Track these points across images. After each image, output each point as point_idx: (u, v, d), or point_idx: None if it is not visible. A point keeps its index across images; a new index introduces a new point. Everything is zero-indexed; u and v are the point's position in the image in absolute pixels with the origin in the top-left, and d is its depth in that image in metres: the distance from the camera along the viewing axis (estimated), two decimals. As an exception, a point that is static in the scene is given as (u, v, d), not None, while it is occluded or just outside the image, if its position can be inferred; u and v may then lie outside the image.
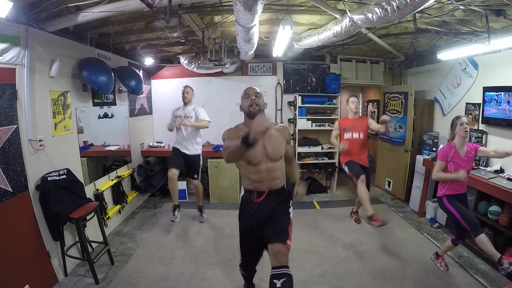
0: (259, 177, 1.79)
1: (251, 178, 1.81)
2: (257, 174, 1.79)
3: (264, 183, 1.80)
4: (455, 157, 2.43)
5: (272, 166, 1.79)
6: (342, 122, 3.43)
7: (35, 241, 2.29)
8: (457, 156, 2.43)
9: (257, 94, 1.84)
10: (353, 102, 3.37)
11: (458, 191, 2.45)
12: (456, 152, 2.44)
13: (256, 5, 1.82)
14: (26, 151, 2.24)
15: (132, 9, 2.25)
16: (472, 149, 2.47)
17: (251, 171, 1.79)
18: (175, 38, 3.34)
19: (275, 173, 1.80)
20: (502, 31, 2.74)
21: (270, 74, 4.93)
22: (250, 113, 1.80)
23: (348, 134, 3.33)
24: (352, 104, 3.37)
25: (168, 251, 3.00)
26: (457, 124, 2.46)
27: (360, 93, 6.73)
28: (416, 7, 1.77)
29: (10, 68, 2.13)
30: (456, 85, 3.81)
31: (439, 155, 2.53)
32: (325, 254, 2.92)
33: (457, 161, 2.42)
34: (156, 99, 4.96)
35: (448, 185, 2.48)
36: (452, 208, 2.41)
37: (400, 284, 2.44)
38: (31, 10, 2.18)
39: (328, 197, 4.66)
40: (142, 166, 4.27)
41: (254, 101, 1.80)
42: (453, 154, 2.44)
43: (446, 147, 2.51)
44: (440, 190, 2.54)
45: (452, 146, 2.47)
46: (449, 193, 2.46)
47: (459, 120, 2.46)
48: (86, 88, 3.02)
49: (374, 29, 3.23)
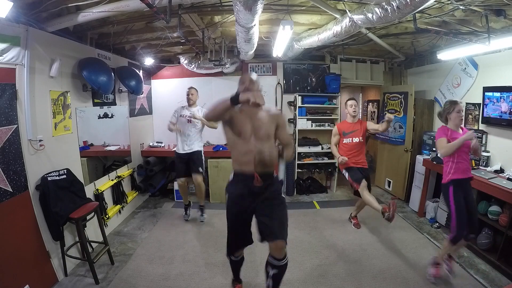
0: (246, 158, 1.83)
1: (240, 159, 1.88)
2: (245, 155, 1.84)
3: (251, 164, 1.82)
4: (453, 134, 2.37)
5: (261, 147, 1.82)
6: (341, 127, 3.35)
7: (35, 241, 2.29)
8: (454, 133, 2.37)
9: (252, 81, 1.94)
10: (352, 105, 3.29)
11: (466, 175, 2.37)
12: (453, 131, 2.39)
13: (256, 5, 1.82)
14: (26, 151, 2.24)
15: (132, 9, 2.25)
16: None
17: (240, 151, 1.87)
18: (175, 38, 3.34)
19: (263, 155, 1.81)
20: (502, 31, 2.74)
21: (270, 74, 4.93)
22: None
23: (348, 139, 3.28)
24: (350, 108, 3.30)
25: (168, 251, 3.00)
26: (453, 111, 2.39)
27: (360, 93, 6.73)
28: (416, 7, 1.77)
29: (10, 68, 2.13)
30: (456, 85, 3.81)
31: (438, 133, 2.42)
32: (325, 254, 2.93)
33: (457, 136, 2.34)
34: (156, 99, 4.96)
35: (455, 168, 2.36)
36: (453, 203, 2.34)
37: (400, 284, 2.44)
38: (31, 10, 2.18)
39: (328, 197, 4.66)
40: (142, 166, 4.27)
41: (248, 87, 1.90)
42: (451, 133, 2.38)
43: (441, 128, 2.45)
44: (446, 176, 2.42)
45: (447, 128, 2.43)
46: (456, 177, 2.35)
47: (456, 106, 2.39)
48: (86, 88, 3.02)
49: (374, 29, 3.23)
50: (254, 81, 1.96)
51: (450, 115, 2.43)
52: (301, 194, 4.75)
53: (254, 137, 1.87)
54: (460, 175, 2.37)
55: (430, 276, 2.46)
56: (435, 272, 2.46)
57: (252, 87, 1.90)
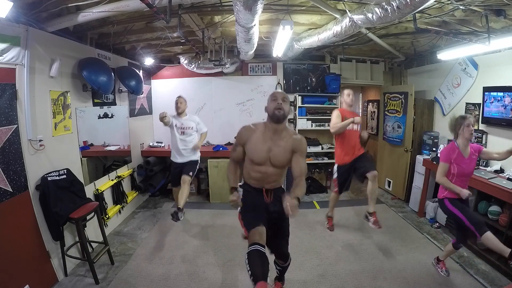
0: (257, 176, 1.92)
1: (250, 175, 1.95)
2: (257, 173, 1.92)
3: (260, 182, 1.93)
4: (458, 158, 2.36)
5: (272, 171, 1.89)
6: (343, 112, 3.24)
7: (35, 241, 2.29)
8: (460, 157, 2.36)
9: (285, 99, 1.85)
10: (349, 94, 3.21)
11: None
12: (459, 154, 2.37)
13: (256, 5, 1.82)
14: (26, 151, 2.24)
15: (132, 9, 2.25)
16: (476, 151, 2.41)
17: (252, 169, 1.92)
18: (175, 38, 3.34)
19: (272, 177, 1.92)
20: (502, 31, 2.74)
21: (270, 74, 4.93)
22: (273, 116, 1.83)
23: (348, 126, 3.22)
24: (347, 97, 3.22)
25: (168, 251, 3.00)
26: (463, 125, 2.35)
27: (360, 93, 6.73)
28: (416, 7, 1.77)
29: (10, 68, 2.13)
30: (456, 85, 3.81)
31: (442, 156, 2.44)
32: (325, 254, 2.93)
33: (460, 163, 2.35)
34: (156, 99, 4.96)
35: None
36: (455, 209, 2.34)
37: (400, 284, 2.44)
38: (31, 10, 2.18)
39: (328, 197, 4.64)
40: (142, 166, 4.27)
41: (280, 105, 1.80)
42: (457, 156, 2.36)
43: (449, 148, 2.43)
44: (441, 192, 2.48)
45: (455, 147, 2.39)
46: (451, 196, 2.39)
47: (466, 121, 2.36)
48: (86, 88, 3.02)
49: (374, 29, 3.23)
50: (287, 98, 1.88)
51: (460, 130, 2.39)
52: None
53: (268, 162, 1.87)
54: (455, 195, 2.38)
55: (444, 271, 2.55)
56: (443, 266, 2.57)
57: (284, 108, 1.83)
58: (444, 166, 2.39)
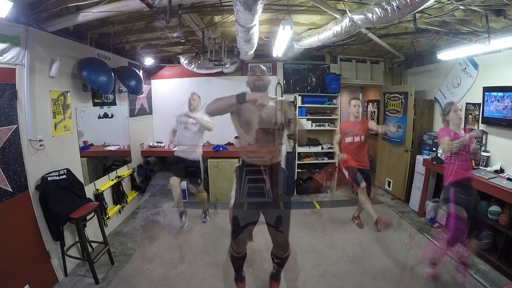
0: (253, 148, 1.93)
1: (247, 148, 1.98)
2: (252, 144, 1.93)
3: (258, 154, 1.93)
4: (456, 135, 2.38)
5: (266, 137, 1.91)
6: (344, 126, 3.39)
7: (35, 241, 2.29)
8: (458, 134, 2.38)
9: (262, 71, 2.00)
10: (355, 105, 3.30)
11: (466, 175, 2.37)
12: (455, 132, 2.40)
13: (256, 5, 1.82)
14: (26, 151, 2.24)
15: (132, 9, 2.25)
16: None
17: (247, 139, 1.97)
18: (175, 38, 3.34)
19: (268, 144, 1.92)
20: (502, 31, 2.73)
21: (270, 74, 4.91)
22: (254, 87, 1.97)
23: (349, 138, 3.29)
24: (354, 108, 3.30)
25: (168, 251, 3.00)
26: (450, 111, 2.41)
27: (360, 93, 6.72)
28: (416, 7, 1.77)
29: (10, 68, 2.13)
30: (456, 85, 3.81)
31: (440, 133, 2.44)
32: (325, 254, 2.92)
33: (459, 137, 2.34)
34: (156, 99, 4.96)
35: (456, 169, 2.36)
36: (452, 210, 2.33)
37: (400, 284, 2.44)
38: (31, 10, 2.18)
39: (328, 197, 4.66)
40: (142, 166, 4.27)
41: (259, 77, 1.96)
42: (454, 133, 2.39)
43: (444, 128, 2.47)
44: (447, 178, 2.44)
45: (449, 129, 2.44)
46: (457, 178, 2.35)
47: (454, 106, 2.41)
48: (86, 88, 3.02)
49: (374, 29, 3.23)
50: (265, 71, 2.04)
51: (448, 115, 2.45)
52: (301, 194, 4.75)
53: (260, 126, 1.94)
54: (461, 175, 2.36)
55: (428, 276, 2.48)
56: (432, 272, 2.48)
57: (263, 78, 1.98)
58: (446, 138, 2.36)
